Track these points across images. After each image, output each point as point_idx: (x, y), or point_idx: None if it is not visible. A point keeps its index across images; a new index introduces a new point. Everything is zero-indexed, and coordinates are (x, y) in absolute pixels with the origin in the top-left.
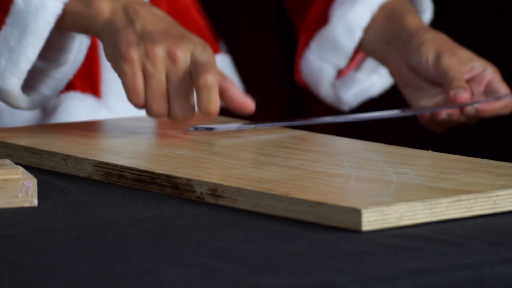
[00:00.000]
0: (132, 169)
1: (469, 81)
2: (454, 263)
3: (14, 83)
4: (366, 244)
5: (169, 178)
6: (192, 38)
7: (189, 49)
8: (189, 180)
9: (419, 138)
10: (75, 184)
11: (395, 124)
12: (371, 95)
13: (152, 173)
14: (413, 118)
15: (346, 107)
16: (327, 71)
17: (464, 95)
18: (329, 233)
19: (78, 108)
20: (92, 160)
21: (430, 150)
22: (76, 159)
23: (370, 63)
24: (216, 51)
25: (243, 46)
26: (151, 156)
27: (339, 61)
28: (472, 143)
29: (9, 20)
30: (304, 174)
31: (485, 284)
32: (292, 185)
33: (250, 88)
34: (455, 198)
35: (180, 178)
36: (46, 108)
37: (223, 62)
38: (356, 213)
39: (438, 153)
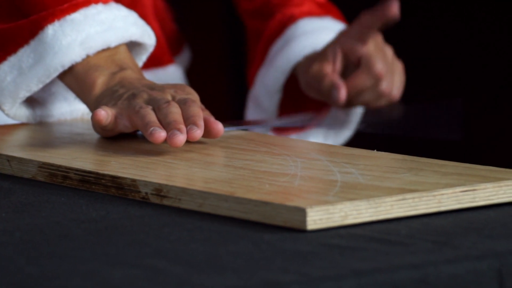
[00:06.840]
0: (77, 170)
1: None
2: (398, 263)
3: (8, 103)
4: (311, 244)
5: (114, 178)
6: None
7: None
8: (134, 180)
9: (364, 140)
10: (19, 185)
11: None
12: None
13: (97, 173)
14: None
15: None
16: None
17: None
18: (274, 233)
19: None
20: (37, 161)
21: (375, 150)
22: (21, 160)
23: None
24: (169, 61)
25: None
26: (96, 157)
27: (268, 116)
28: (417, 143)
29: (32, 43)
30: (249, 174)
31: (429, 283)
32: (237, 184)
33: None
34: (400, 197)
35: (125, 178)
36: None
37: (178, 70)
38: (301, 212)
39: (383, 152)
